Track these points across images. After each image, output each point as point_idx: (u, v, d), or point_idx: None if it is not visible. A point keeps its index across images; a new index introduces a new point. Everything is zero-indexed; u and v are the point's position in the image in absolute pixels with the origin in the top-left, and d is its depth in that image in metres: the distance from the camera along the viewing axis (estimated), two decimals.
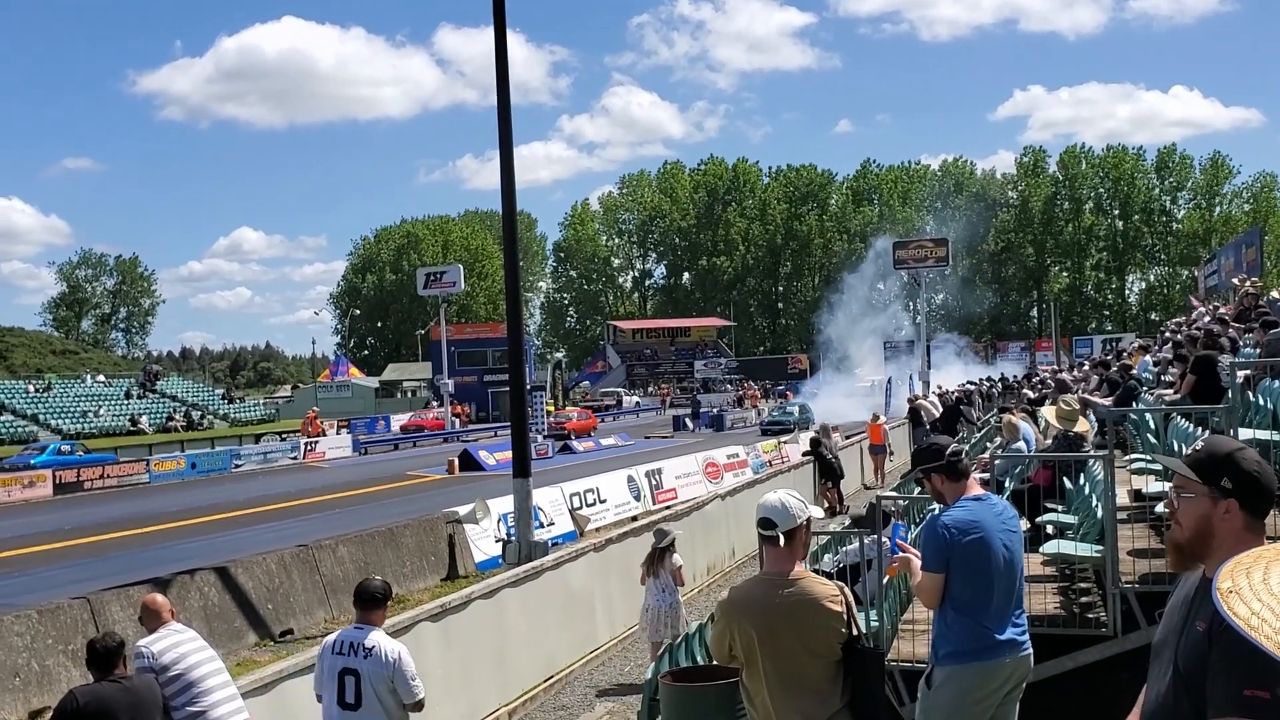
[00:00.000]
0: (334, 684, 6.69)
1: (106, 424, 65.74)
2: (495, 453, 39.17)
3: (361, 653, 6.66)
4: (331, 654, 6.76)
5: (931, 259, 71.64)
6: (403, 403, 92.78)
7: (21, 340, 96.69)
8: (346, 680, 6.67)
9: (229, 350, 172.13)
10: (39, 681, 11.44)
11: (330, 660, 6.76)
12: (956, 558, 5.28)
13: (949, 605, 5.36)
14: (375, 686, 6.62)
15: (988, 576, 5.29)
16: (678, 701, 7.22)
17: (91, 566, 20.12)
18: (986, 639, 5.27)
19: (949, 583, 5.32)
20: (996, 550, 5.28)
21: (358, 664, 6.65)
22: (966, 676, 5.28)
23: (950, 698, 5.32)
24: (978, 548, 5.26)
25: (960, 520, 5.35)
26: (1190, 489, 2.62)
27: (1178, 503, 2.64)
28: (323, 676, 6.81)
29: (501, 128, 17.34)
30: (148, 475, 42.55)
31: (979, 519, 5.34)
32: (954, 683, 5.31)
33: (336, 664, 6.71)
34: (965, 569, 5.29)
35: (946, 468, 5.51)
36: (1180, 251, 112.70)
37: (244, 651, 13.74)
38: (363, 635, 6.73)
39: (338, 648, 6.75)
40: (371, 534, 17.64)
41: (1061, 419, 11.41)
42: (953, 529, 5.33)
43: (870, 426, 30.51)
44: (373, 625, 6.83)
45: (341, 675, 6.67)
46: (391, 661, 6.67)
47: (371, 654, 6.65)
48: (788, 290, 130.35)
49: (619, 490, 24.38)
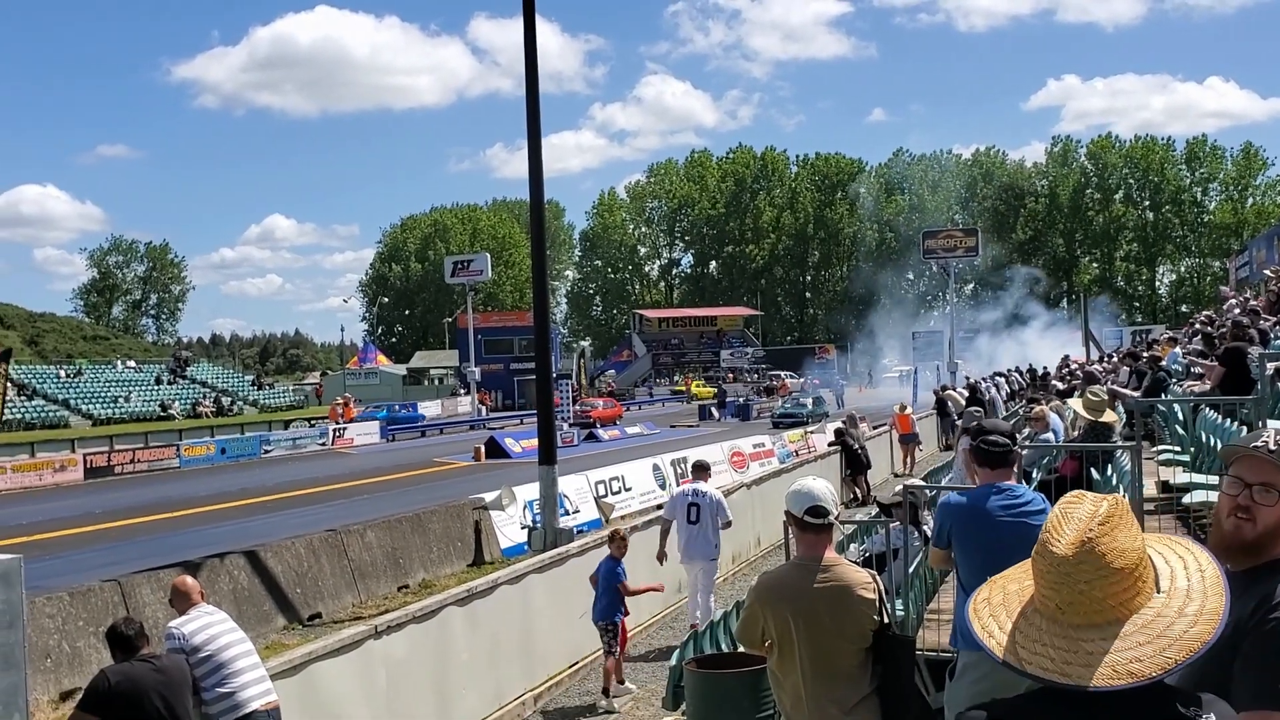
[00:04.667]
0: (684, 509, 12.31)
1: (137, 409, 66.22)
2: (521, 440, 39.27)
3: (700, 495, 12.38)
4: (683, 494, 12.56)
5: (961, 249, 71.29)
6: (430, 390, 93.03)
7: (53, 326, 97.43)
8: (691, 509, 12.28)
9: (259, 337, 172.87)
10: (70, 663, 11.57)
11: (681, 498, 12.52)
12: (956, 539, 5.38)
13: (959, 590, 5.46)
14: (707, 511, 12.24)
15: (988, 563, 5.28)
16: (702, 687, 7.25)
17: (122, 550, 20.30)
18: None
19: (957, 567, 5.43)
20: (1000, 538, 5.21)
21: (698, 499, 12.33)
22: (976, 663, 5.28)
23: (966, 685, 5.32)
24: (974, 533, 5.31)
25: (960, 503, 5.47)
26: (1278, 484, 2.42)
27: (1258, 499, 2.41)
28: (676, 506, 12.46)
29: (530, 117, 17.37)
30: (178, 460, 42.90)
31: (980, 505, 5.36)
32: (970, 670, 5.32)
33: (686, 499, 12.42)
34: (964, 553, 5.37)
35: (976, 450, 5.54)
36: (1211, 243, 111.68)
37: (273, 634, 13.85)
38: (699, 486, 12.63)
39: (686, 494, 12.54)
40: (399, 519, 17.72)
41: (1089, 410, 11.35)
42: (952, 509, 5.47)
43: (898, 416, 30.38)
44: (704, 481, 12.86)
45: (689, 506, 12.29)
46: (716, 500, 12.45)
47: (705, 495, 12.40)
48: (815, 279, 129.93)
49: (644, 478, 24.42)
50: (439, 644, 9.89)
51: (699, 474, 13.16)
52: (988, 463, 5.50)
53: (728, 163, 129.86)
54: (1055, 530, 1.99)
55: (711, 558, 12.48)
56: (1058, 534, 1.98)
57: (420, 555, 17.37)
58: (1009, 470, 5.42)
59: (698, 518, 12.20)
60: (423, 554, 17.42)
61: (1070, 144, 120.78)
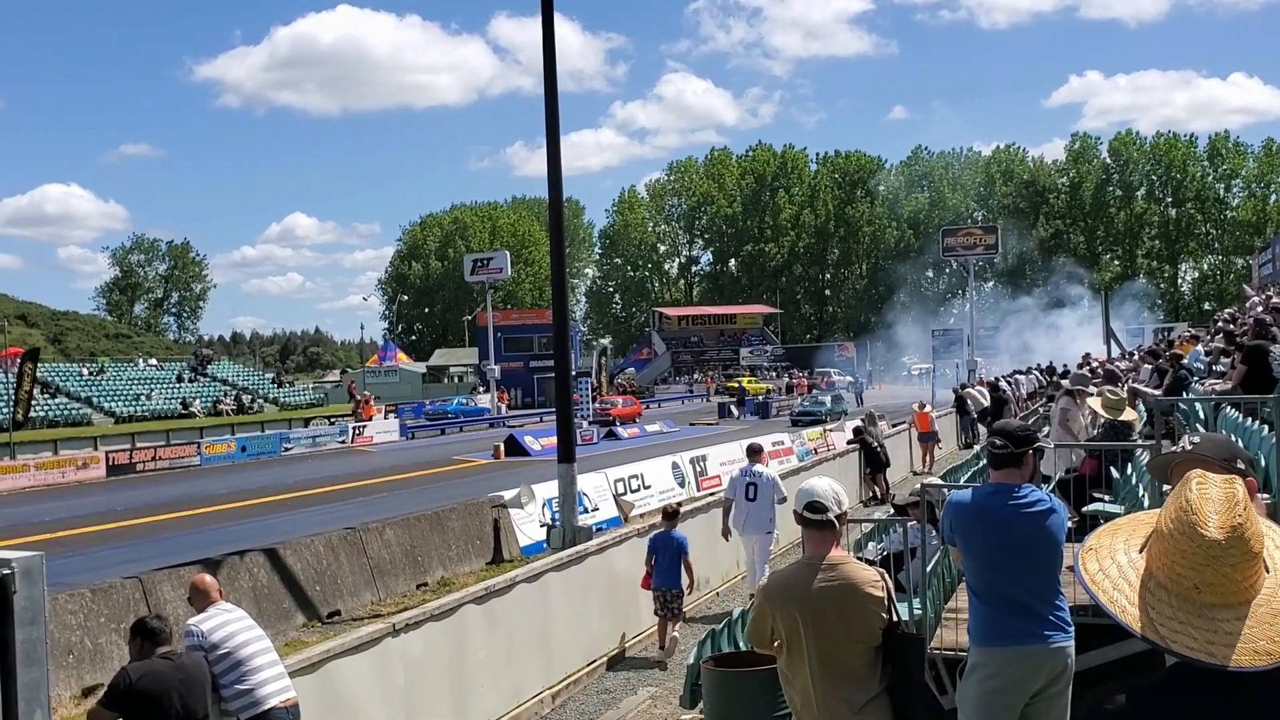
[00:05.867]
0: (743, 488, 13.49)
1: (158, 407, 66.46)
2: (540, 438, 39.33)
3: (756, 475, 13.53)
4: (741, 475, 13.74)
5: (980, 246, 71.04)
6: (450, 388, 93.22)
7: (76, 324, 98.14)
8: (749, 488, 13.44)
9: (279, 335, 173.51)
10: (91, 659, 11.64)
11: (740, 478, 13.73)
12: (960, 537, 5.41)
13: (967, 587, 5.50)
14: (763, 489, 13.37)
15: (988, 562, 5.32)
16: (720, 686, 7.26)
17: (143, 547, 20.43)
18: (995, 624, 5.27)
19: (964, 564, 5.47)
20: (1000, 537, 5.24)
21: (755, 479, 13.47)
22: (983, 661, 5.29)
23: (974, 683, 5.33)
24: (976, 531, 5.33)
25: (963, 501, 5.51)
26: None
27: None
28: (736, 486, 13.69)
29: (549, 115, 17.38)
30: (198, 458, 43.13)
31: (980, 504, 5.39)
32: (977, 668, 5.33)
33: (744, 479, 13.59)
34: (966, 551, 5.40)
35: (986, 453, 5.58)
36: (1234, 240, 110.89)
37: (292, 632, 13.91)
38: (755, 466, 13.71)
39: (742, 473, 13.74)
40: (418, 517, 17.76)
41: (1107, 408, 11.31)
42: (954, 507, 5.51)
43: (917, 415, 30.30)
44: (760, 463, 13.91)
45: (747, 485, 13.46)
46: (771, 479, 13.62)
47: (761, 475, 13.58)
48: (835, 277, 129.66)
49: (663, 476, 24.42)
50: (457, 642, 9.92)
51: (754, 456, 14.06)
52: (992, 464, 5.52)
53: (747, 160, 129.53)
54: (1200, 513, 2.01)
55: (767, 531, 13.51)
56: (1204, 517, 2.00)
57: (439, 553, 17.41)
58: (1017, 470, 5.37)
59: (755, 495, 13.40)
60: (441, 552, 17.47)
61: (1090, 140, 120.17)
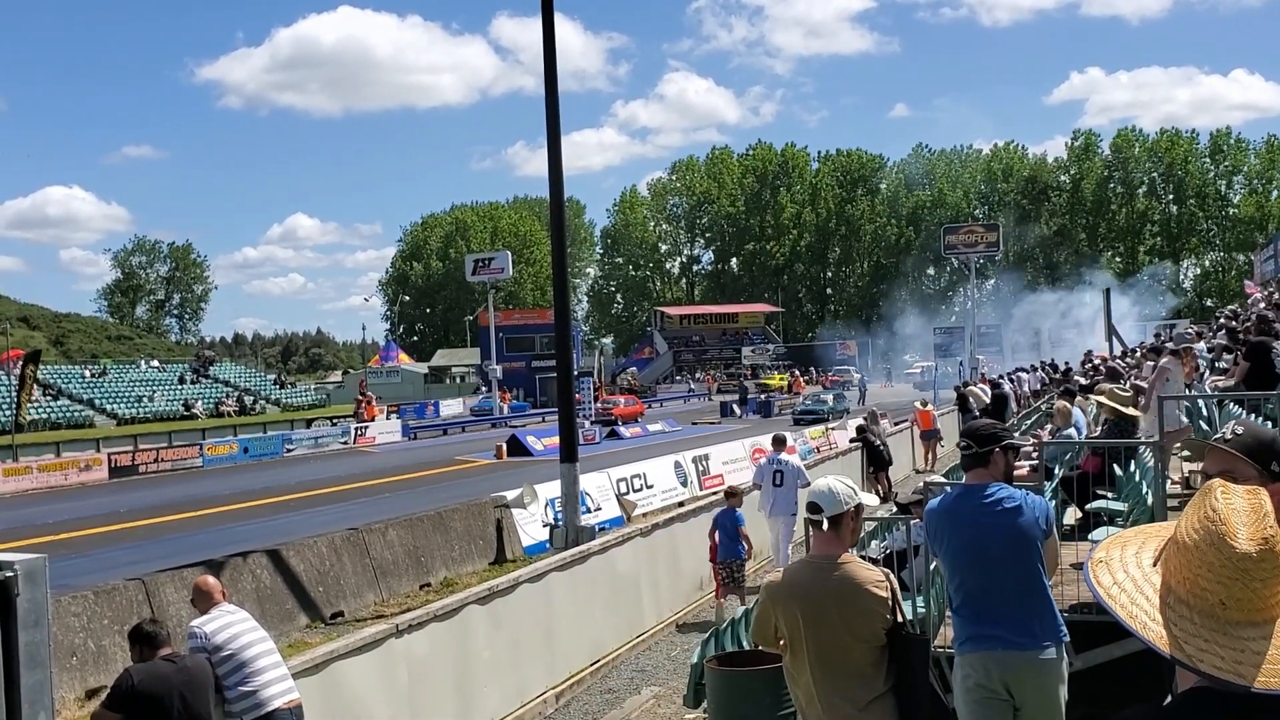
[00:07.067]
0: (770, 475, 14.82)
1: (160, 409, 66.50)
2: (543, 438, 39.32)
3: (782, 462, 14.95)
4: (768, 463, 15.10)
5: (982, 244, 71.04)
6: (451, 388, 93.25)
7: (78, 326, 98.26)
8: (776, 474, 14.78)
9: (281, 336, 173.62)
10: (95, 661, 11.64)
11: (767, 466, 15.10)
12: (931, 542, 5.48)
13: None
14: (789, 475, 14.69)
15: (954, 565, 5.33)
16: (724, 685, 7.24)
17: (146, 548, 20.44)
18: (965, 629, 5.27)
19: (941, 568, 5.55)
20: (964, 538, 5.24)
21: (781, 466, 14.87)
22: (962, 665, 5.29)
23: (958, 688, 5.35)
24: (945, 534, 5.33)
25: (933, 507, 5.52)
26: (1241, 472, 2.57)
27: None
28: (764, 473, 15.01)
29: (550, 115, 17.36)
30: (201, 459, 43.14)
31: (948, 507, 5.40)
32: (958, 671, 5.34)
33: (771, 466, 14.97)
34: (939, 555, 5.44)
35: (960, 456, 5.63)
36: (1236, 236, 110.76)
37: (295, 633, 13.90)
38: (781, 455, 15.21)
39: (769, 461, 15.15)
40: (421, 518, 17.75)
41: (1120, 402, 11.29)
42: (927, 513, 5.56)
43: (919, 413, 30.30)
44: (785, 452, 15.50)
45: (774, 472, 14.81)
46: (796, 466, 15.21)
47: (787, 462, 15.06)
48: (837, 276, 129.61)
49: (666, 476, 24.40)
50: (460, 642, 9.91)
51: (779, 446, 15.69)
52: (963, 466, 5.54)
53: (749, 159, 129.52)
54: (1229, 523, 1.88)
55: (793, 513, 14.38)
56: (1233, 528, 1.87)
57: (442, 553, 17.40)
58: (986, 471, 5.33)
59: (781, 481, 14.85)
60: (444, 552, 17.46)
61: (1091, 137, 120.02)
